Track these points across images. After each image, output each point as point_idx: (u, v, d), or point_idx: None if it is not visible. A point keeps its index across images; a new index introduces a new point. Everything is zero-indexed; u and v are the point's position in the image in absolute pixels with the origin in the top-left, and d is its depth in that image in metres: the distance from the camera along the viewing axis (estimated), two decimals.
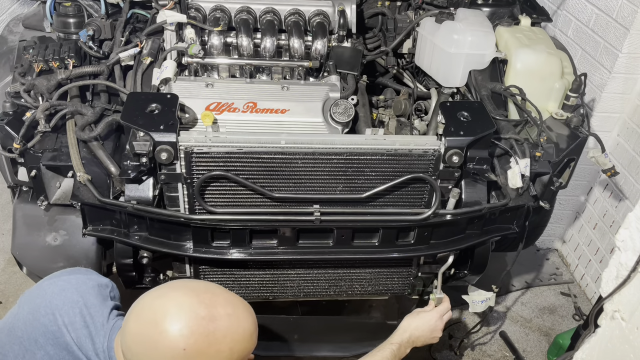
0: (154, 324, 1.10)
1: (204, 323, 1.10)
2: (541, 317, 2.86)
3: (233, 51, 2.07)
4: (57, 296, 1.23)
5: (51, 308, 1.20)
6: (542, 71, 2.02)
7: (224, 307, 1.14)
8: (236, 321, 1.15)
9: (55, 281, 1.28)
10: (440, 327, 1.74)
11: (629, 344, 1.43)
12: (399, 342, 1.65)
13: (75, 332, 1.19)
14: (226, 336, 1.12)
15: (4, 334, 1.21)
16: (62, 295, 1.23)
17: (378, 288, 2.07)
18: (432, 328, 1.72)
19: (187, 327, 1.09)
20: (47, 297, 1.23)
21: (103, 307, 1.24)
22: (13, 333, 1.20)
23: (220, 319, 1.12)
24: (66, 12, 2.11)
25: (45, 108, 1.72)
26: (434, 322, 1.73)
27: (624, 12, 2.42)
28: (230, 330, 1.13)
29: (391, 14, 2.42)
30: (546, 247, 3.28)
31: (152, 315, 1.12)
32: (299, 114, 1.87)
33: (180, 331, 1.08)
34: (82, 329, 1.19)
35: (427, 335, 1.72)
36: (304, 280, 2.02)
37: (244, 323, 1.17)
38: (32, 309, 1.22)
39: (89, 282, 1.29)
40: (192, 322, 1.10)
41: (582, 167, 2.73)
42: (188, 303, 1.12)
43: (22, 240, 1.89)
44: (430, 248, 1.90)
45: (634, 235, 1.39)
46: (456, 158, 1.70)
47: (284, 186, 1.73)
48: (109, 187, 1.72)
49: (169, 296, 1.15)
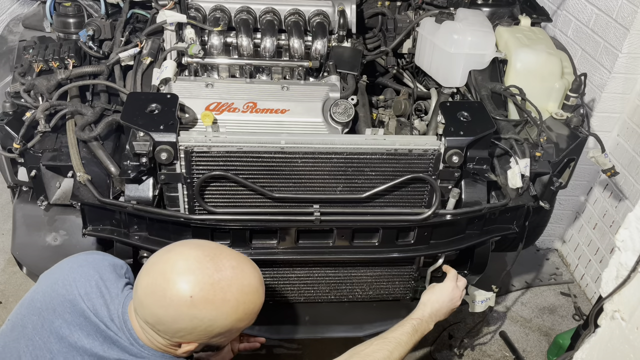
0: (161, 274, 1.17)
1: (209, 272, 1.16)
2: (541, 317, 2.86)
3: (233, 51, 2.07)
4: (75, 271, 1.30)
5: (69, 280, 1.27)
6: (542, 71, 2.02)
7: (228, 260, 1.21)
8: (241, 273, 1.21)
9: (73, 259, 1.36)
10: (458, 294, 1.73)
11: (629, 344, 1.43)
12: (420, 317, 1.64)
13: (91, 301, 1.24)
14: (231, 286, 1.18)
15: (24, 307, 1.27)
16: (79, 270, 1.30)
17: (379, 292, 2.07)
18: (451, 297, 1.71)
19: (193, 275, 1.15)
20: (64, 272, 1.30)
21: (118, 281, 1.31)
22: (32, 305, 1.26)
23: (225, 269, 1.19)
24: (66, 12, 2.11)
25: (45, 108, 1.72)
26: (450, 290, 1.71)
27: (624, 12, 2.42)
28: (236, 281, 1.19)
29: (391, 14, 2.42)
30: (546, 247, 3.28)
31: (161, 267, 1.19)
32: (299, 114, 1.87)
33: (186, 280, 1.15)
34: (97, 298, 1.25)
35: (447, 306, 1.70)
36: (305, 284, 2.02)
37: (249, 276, 1.23)
38: (50, 283, 1.29)
39: (105, 261, 1.36)
40: (198, 271, 1.16)
41: (582, 167, 2.73)
42: (194, 255, 1.19)
43: (22, 240, 1.89)
44: (430, 248, 1.90)
45: (634, 235, 1.39)
46: (456, 158, 1.70)
47: (284, 186, 1.73)
48: (109, 187, 1.72)
49: (176, 250, 1.22)
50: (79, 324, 1.21)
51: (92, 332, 1.21)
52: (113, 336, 1.21)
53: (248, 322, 1.25)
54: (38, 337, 1.21)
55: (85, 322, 1.22)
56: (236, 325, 1.22)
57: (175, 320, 1.16)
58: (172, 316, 1.15)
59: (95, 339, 1.20)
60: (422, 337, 1.63)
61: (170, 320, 1.16)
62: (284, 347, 2.56)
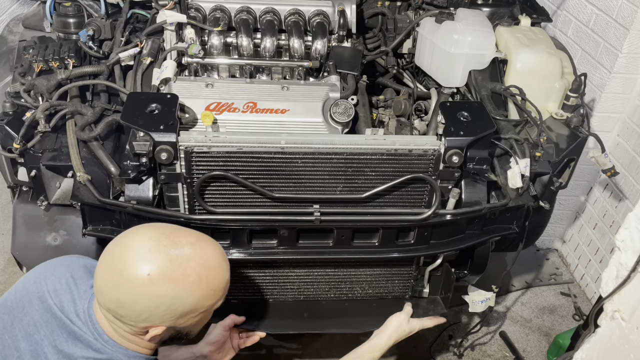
0: (118, 257, 1.15)
1: (165, 249, 1.15)
2: (541, 317, 2.86)
3: (233, 51, 2.07)
4: (48, 270, 1.30)
5: (39, 278, 1.27)
6: (542, 71, 2.02)
7: (185, 237, 1.19)
8: (200, 248, 1.19)
9: (51, 261, 1.36)
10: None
11: (629, 344, 1.43)
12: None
13: (59, 297, 1.23)
14: (190, 261, 1.16)
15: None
16: (52, 269, 1.30)
17: (379, 290, 2.07)
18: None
19: (149, 253, 1.13)
20: (37, 271, 1.31)
21: (89, 280, 1.28)
22: (5, 304, 1.27)
23: (183, 245, 1.17)
24: (66, 12, 2.11)
25: (45, 108, 1.72)
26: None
27: (624, 12, 2.42)
28: (195, 256, 1.17)
29: (391, 14, 2.42)
30: (546, 247, 3.28)
31: (117, 250, 1.17)
32: (299, 114, 1.87)
33: (143, 259, 1.13)
34: (65, 295, 1.24)
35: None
36: (304, 282, 2.02)
37: (208, 251, 1.21)
38: (23, 282, 1.30)
39: (80, 262, 1.35)
40: (154, 249, 1.14)
41: (582, 167, 2.73)
42: (149, 234, 1.17)
43: (22, 240, 1.89)
44: (430, 248, 1.90)
45: (634, 235, 1.39)
46: (456, 158, 1.70)
47: (284, 186, 1.73)
48: (109, 187, 1.72)
49: (132, 232, 1.20)
50: (46, 321, 1.20)
51: (57, 328, 1.20)
52: (78, 331, 1.19)
53: (215, 300, 1.23)
54: (7, 336, 1.20)
55: (52, 318, 1.21)
56: (201, 302, 1.20)
57: (135, 301, 1.13)
58: (132, 297, 1.13)
59: (60, 335, 1.19)
60: (422, 337, 1.65)
61: (131, 302, 1.13)
62: (284, 347, 2.56)
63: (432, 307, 2.08)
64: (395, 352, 2.54)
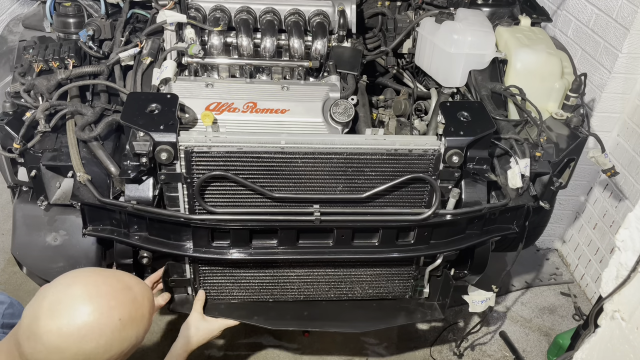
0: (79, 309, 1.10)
1: (125, 292, 1.16)
2: (541, 317, 2.86)
3: (233, 51, 2.07)
4: None
5: None
6: (542, 71, 2.03)
7: (128, 277, 1.22)
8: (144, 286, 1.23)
9: None
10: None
11: (629, 344, 1.43)
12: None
13: None
14: (144, 299, 1.20)
15: None
16: None
17: (379, 290, 2.07)
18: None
19: (114, 298, 1.14)
20: None
21: None
22: None
23: (133, 285, 1.19)
24: (66, 12, 2.11)
25: (45, 108, 1.72)
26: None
27: (624, 12, 2.42)
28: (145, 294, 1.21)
29: (391, 14, 2.42)
30: (546, 247, 3.28)
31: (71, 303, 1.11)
32: (299, 114, 1.87)
33: (109, 304, 1.12)
34: None
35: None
36: (304, 282, 2.02)
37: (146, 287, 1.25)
38: None
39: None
40: (116, 293, 1.15)
41: (582, 167, 2.73)
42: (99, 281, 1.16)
43: (22, 240, 1.89)
44: (430, 248, 1.90)
45: (634, 235, 1.39)
46: (456, 158, 1.70)
47: (284, 186, 1.73)
48: (109, 187, 1.72)
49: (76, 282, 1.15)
50: None
51: None
52: None
53: None
54: None
55: None
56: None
57: (107, 350, 1.11)
58: (104, 346, 1.11)
59: None
60: (422, 337, 1.64)
61: (102, 351, 1.11)
62: (284, 347, 2.56)
63: (429, 312, 2.09)
64: (395, 352, 2.55)
